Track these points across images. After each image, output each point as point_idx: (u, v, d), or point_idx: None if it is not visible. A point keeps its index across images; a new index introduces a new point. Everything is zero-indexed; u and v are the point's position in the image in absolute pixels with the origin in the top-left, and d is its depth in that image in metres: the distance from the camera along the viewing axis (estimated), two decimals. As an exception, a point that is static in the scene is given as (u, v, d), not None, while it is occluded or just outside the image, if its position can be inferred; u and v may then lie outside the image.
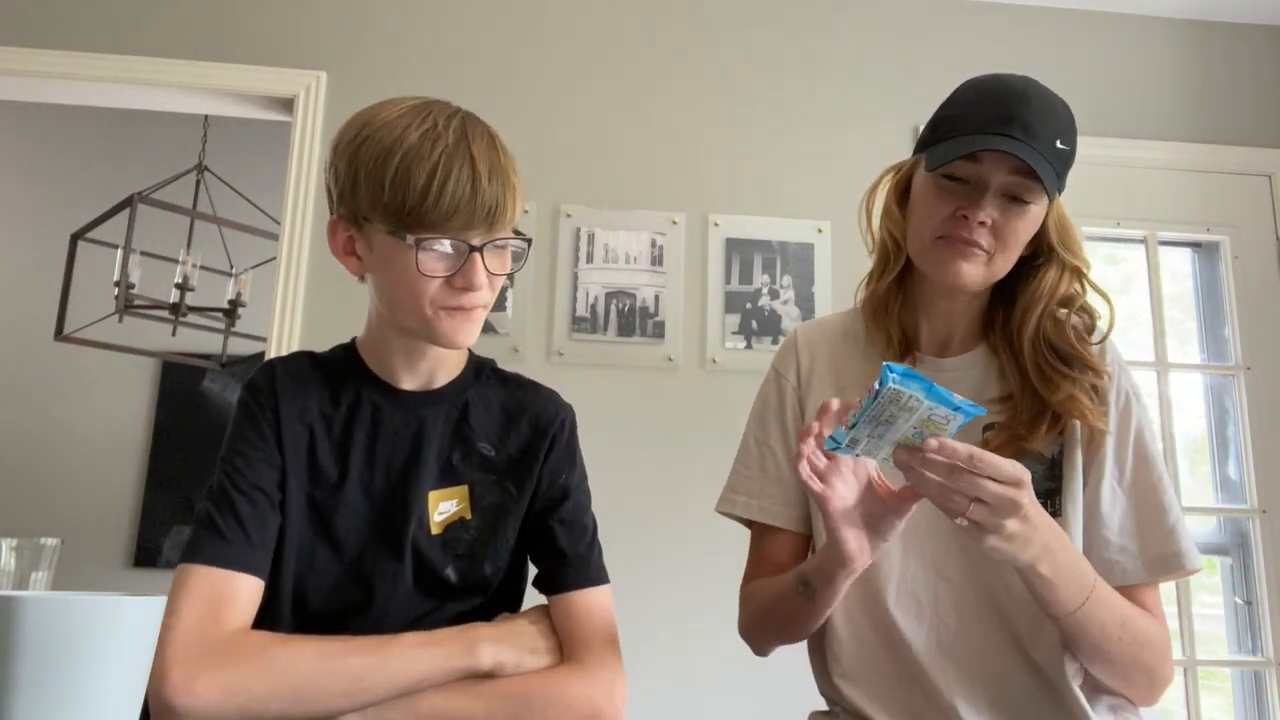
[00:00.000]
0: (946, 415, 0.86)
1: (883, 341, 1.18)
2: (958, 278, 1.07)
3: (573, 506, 1.07)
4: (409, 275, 0.93)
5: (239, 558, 0.92)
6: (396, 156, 0.91)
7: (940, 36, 2.65)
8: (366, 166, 0.93)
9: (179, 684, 0.82)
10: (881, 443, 0.89)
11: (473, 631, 0.94)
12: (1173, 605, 2.43)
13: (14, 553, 0.93)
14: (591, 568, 1.04)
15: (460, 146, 0.93)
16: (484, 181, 0.92)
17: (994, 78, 1.09)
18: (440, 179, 0.90)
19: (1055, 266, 1.11)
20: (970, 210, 1.05)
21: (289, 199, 2.39)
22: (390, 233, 0.93)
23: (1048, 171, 1.02)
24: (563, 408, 1.11)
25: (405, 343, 1.03)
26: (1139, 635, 1.02)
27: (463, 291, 0.94)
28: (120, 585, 3.84)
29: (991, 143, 1.02)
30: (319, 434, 1.01)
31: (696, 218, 2.49)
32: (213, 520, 0.93)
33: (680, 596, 2.20)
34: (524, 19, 2.57)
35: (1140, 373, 2.54)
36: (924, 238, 1.10)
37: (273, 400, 1.00)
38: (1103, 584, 1.00)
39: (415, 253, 0.92)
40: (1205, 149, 2.67)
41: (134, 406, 4.08)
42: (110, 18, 2.47)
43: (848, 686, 1.13)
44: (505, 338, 2.36)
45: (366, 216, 0.95)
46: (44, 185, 4.19)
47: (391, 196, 0.91)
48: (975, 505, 0.87)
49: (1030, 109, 1.03)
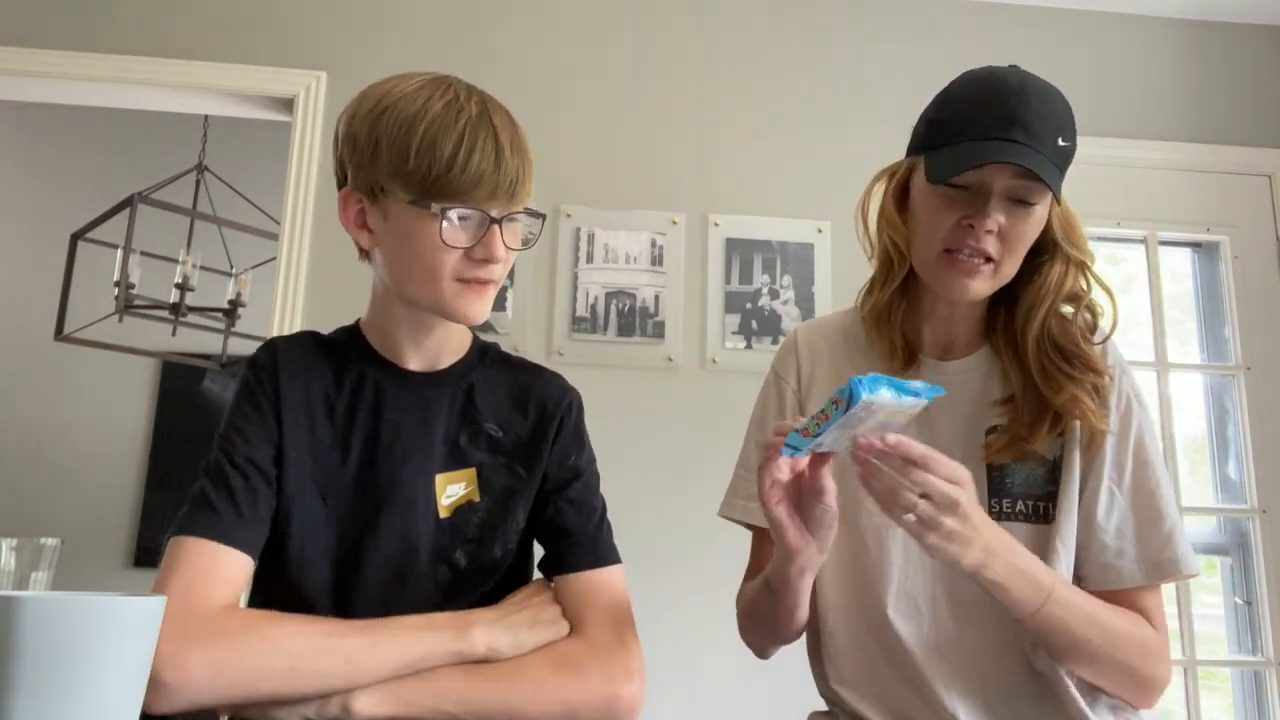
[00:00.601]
0: (914, 403, 0.89)
1: (886, 349, 1.17)
2: (965, 294, 1.06)
3: (582, 487, 1.06)
4: (429, 246, 0.92)
5: (229, 532, 0.91)
6: (421, 125, 0.91)
7: (941, 36, 2.65)
8: (390, 134, 0.92)
9: (168, 657, 0.79)
10: (842, 439, 0.91)
11: (469, 616, 0.92)
12: (1173, 605, 2.43)
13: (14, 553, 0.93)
14: (601, 546, 1.04)
15: (483, 119, 0.94)
16: (507, 153, 0.93)
17: (988, 74, 1.07)
18: (467, 148, 0.91)
19: (1060, 261, 1.10)
20: (976, 220, 1.03)
21: (289, 199, 2.39)
22: (412, 202, 0.92)
23: (1051, 172, 1.01)
24: (569, 390, 1.10)
25: (411, 319, 1.02)
26: (1114, 637, 1.01)
27: (483, 263, 0.94)
28: (120, 585, 3.85)
29: (995, 151, 1.00)
30: (321, 414, 1.00)
31: (696, 218, 2.49)
32: (205, 495, 0.92)
33: (681, 597, 2.19)
34: (524, 19, 2.57)
35: (1140, 373, 2.54)
36: (930, 251, 1.08)
37: (274, 377, 0.99)
38: (1065, 586, 1.00)
39: (440, 222, 0.91)
40: (1205, 149, 2.67)
41: (134, 406, 4.08)
42: (110, 18, 2.47)
43: (846, 690, 1.13)
44: (505, 337, 2.36)
45: (384, 187, 0.94)
46: (44, 185, 4.19)
47: (417, 164, 0.91)
48: (922, 501, 0.89)
49: (1030, 108, 1.01)
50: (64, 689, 0.57)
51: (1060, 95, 1.06)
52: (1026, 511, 1.08)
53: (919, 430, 1.13)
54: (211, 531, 0.90)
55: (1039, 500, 1.09)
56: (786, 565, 1.00)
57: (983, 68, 1.09)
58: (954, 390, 1.13)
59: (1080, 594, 1.02)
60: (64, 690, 0.57)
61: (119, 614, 0.59)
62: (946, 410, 1.13)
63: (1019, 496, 1.08)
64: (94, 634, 0.58)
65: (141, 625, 0.60)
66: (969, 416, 1.13)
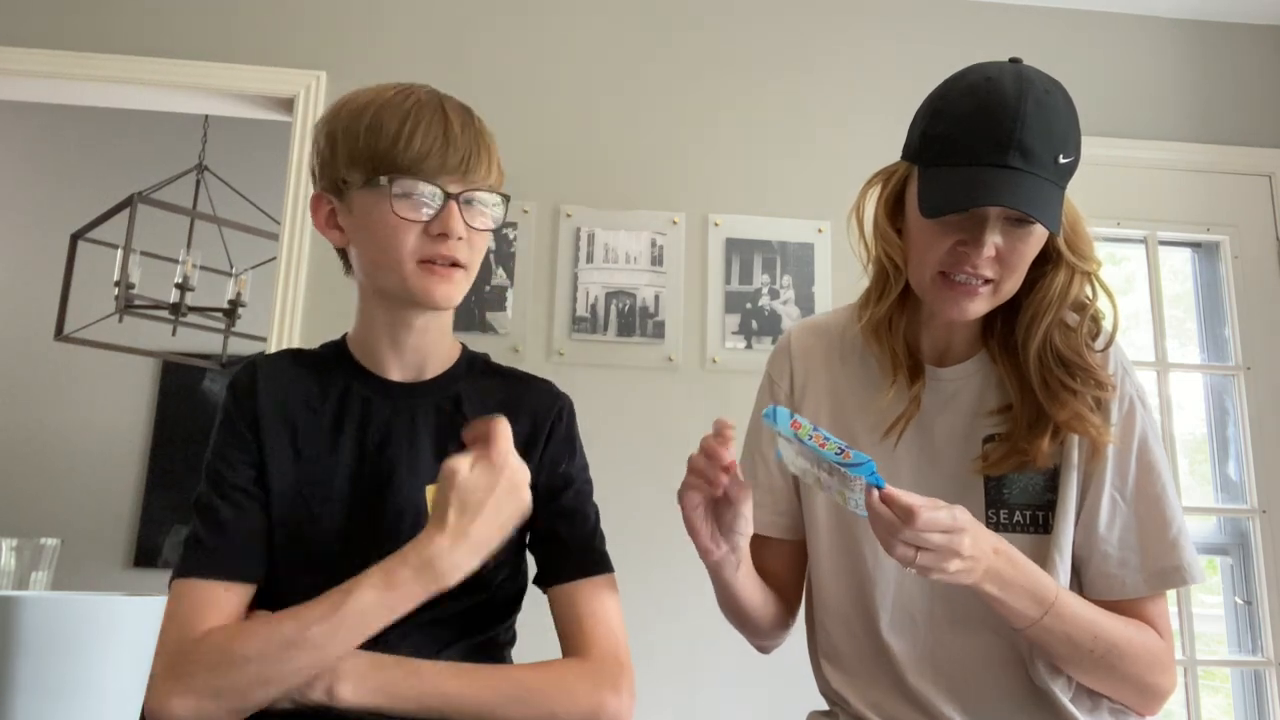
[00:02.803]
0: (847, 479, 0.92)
1: (889, 360, 1.13)
2: (963, 315, 1.03)
3: (574, 495, 1.05)
4: (386, 226, 0.94)
5: (220, 564, 0.93)
6: (370, 110, 0.96)
7: (941, 36, 2.65)
8: (343, 124, 0.97)
9: (159, 697, 0.84)
10: (808, 469, 0.96)
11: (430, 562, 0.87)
12: (1173, 605, 2.42)
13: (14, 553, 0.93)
14: (595, 556, 1.03)
15: (432, 101, 0.97)
16: (455, 129, 0.96)
17: (984, 83, 1.00)
18: (412, 124, 0.94)
19: (1064, 270, 1.05)
20: (972, 246, 0.99)
21: (289, 199, 2.39)
22: (366, 182, 0.95)
23: (1050, 194, 0.97)
24: (559, 397, 1.10)
25: (390, 321, 1.02)
26: (1116, 647, 1.00)
27: (441, 239, 0.95)
28: (120, 585, 3.84)
29: (984, 190, 0.95)
30: (305, 428, 1.00)
31: (696, 218, 2.49)
32: (196, 535, 0.95)
33: (680, 597, 2.19)
34: (524, 19, 2.57)
35: (1140, 373, 2.51)
36: (925, 272, 1.04)
37: (252, 399, 1.00)
38: (1068, 597, 0.99)
39: (390, 198, 0.93)
40: (1205, 149, 2.67)
41: (134, 406, 4.08)
42: (110, 18, 2.47)
43: (846, 690, 1.13)
44: (505, 338, 2.36)
45: (345, 178, 0.97)
46: (44, 185, 4.19)
47: (366, 142, 0.94)
48: (920, 553, 0.90)
49: (1028, 128, 0.96)
50: (64, 688, 0.57)
51: (1062, 98, 1.01)
52: (1024, 522, 1.07)
53: (916, 438, 1.12)
54: (203, 569, 0.92)
55: (1038, 509, 1.07)
56: (708, 565, 1.04)
57: (978, 70, 1.03)
58: (950, 397, 1.13)
59: (1084, 604, 1.01)
60: (64, 689, 0.57)
61: (119, 614, 0.59)
62: (943, 417, 1.12)
63: (1017, 507, 1.07)
64: (94, 634, 0.58)
65: (141, 625, 0.60)
66: (965, 424, 1.11)
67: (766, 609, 1.13)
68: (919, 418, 1.12)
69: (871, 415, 1.14)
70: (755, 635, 1.19)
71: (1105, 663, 1.00)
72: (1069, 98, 1.02)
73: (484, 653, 1.03)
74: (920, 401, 1.12)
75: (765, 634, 1.18)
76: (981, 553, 0.93)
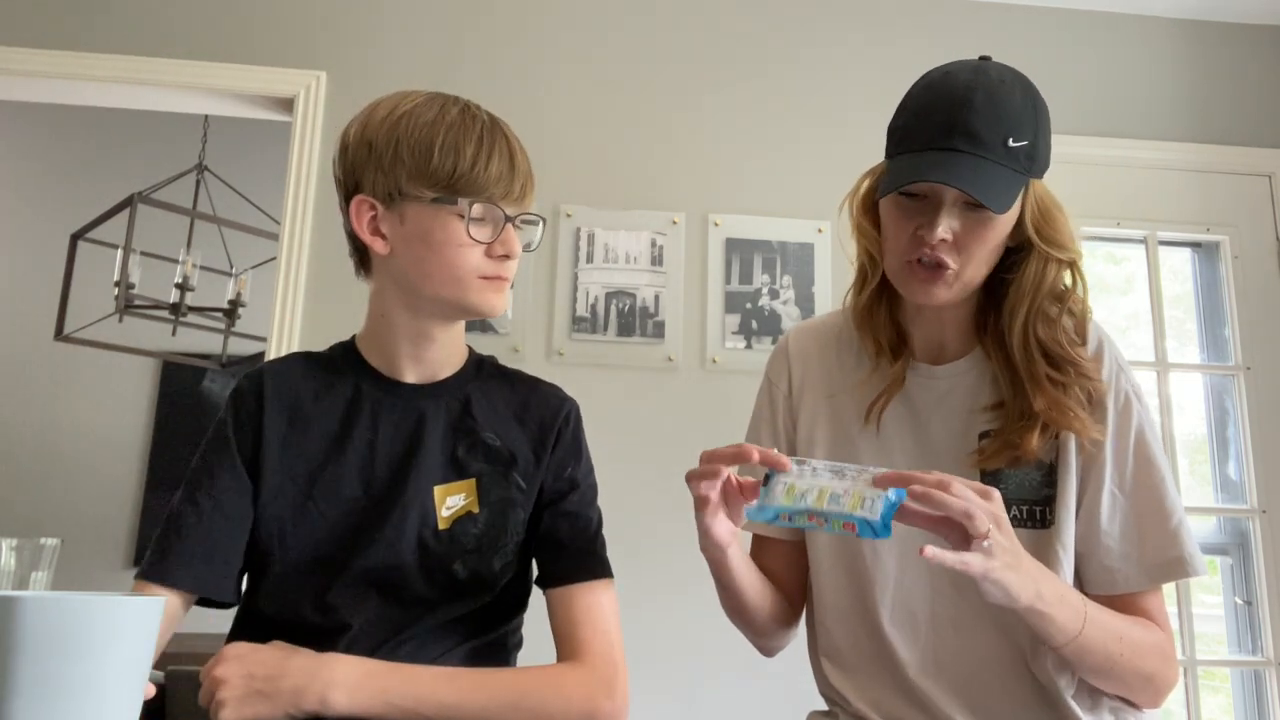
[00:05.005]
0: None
1: (873, 348, 1.16)
2: (929, 299, 1.06)
3: (579, 499, 1.06)
4: (452, 243, 0.98)
5: (166, 571, 0.95)
6: (441, 129, 0.98)
7: (942, 36, 2.65)
8: (411, 139, 0.98)
9: None
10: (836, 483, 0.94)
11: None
12: (1173, 605, 2.43)
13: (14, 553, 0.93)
14: (594, 560, 1.04)
15: (495, 126, 1.02)
16: (519, 157, 1.01)
17: (941, 76, 1.04)
18: (487, 148, 0.98)
19: (1037, 259, 1.06)
20: (926, 231, 1.02)
21: (289, 199, 2.39)
22: (436, 200, 0.97)
23: (999, 175, 0.99)
24: (567, 400, 1.11)
25: (414, 331, 1.03)
26: (1138, 646, 1.00)
27: (503, 260, 1.01)
28: (120, 585, 3.84)
29: (927, 168, 0.99)
30: (315, 431, 1.01)
31: (696, 218, 2.49)
32: (157, 537, 0.97)
33: (680, 597, 2.19)
34: (524, 19, 2.57)
35: (1140, 373, 2.54)
36: (893, 261, 1.08)
37: (256, 408, 1.01)
38: (1093, 605, 0.99)
39: (467, 219, 0.97)
40: (1205, 149, 2.67)
41: (134, 406, 4.08)
42: (110, 18, 2.47)
43: (846, 690, 1.13)
44: (505, 338, 2.36)
45: (404, 190, 0.98)
46: (44, 185, 4.19)
47: (440, 163, 0.97)
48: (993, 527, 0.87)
49: (974, 112, 0.98)
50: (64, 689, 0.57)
51: (1019, 89, 1.02)
52: (1022, 517, 1.07)
53: (912, 435, 1.13)
54: (148, 572, 0.95)
55: (1035, 505, 1.07)
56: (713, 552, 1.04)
57: (940, 67, 1.07)
58: (945, 394, 1.13)
59: (1103, 610, 1.00)
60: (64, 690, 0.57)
61: (119, 614, 0.59)
62: (939, 415, 1.12)
63: (1013, 502, 1.06)
64: (94, 634, 0.58)
65: (141, 625, 0.60)
66: (961, 421, 1.11)
67: (767, 604, 1.13)
68: (917, 416, 1.13)
69: (859, 401, 1.16)
70: (758, 634, 1.19)
71: (1132, 665, 1.00)
72: (1030, 87, 1.04)
73: (490, 654, 1.03)
74: (904, 380, 1.13)
75: (768, 633, 1.18)
76: (1020, 549, 0.92)
